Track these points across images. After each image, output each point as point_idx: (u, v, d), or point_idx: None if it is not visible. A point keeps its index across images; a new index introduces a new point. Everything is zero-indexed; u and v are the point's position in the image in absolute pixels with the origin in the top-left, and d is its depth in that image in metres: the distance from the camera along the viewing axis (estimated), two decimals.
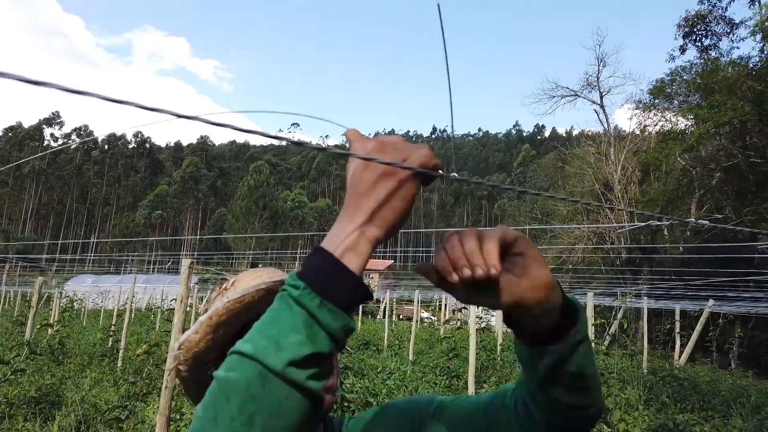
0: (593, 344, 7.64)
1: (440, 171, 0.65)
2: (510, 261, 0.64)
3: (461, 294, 0.66)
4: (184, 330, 4.49)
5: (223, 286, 0.97)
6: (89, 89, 0.53)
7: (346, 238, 0.62)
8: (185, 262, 4.69)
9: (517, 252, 0.64)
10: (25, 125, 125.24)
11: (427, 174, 0.64)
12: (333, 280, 0.60)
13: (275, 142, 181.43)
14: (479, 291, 0.64)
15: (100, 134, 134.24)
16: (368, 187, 0.63)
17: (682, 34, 25.27)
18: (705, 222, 1.22)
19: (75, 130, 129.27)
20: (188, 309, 4.83)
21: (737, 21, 24.14)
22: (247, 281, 0.94)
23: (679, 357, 12.70)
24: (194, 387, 0.94)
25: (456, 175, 0.68)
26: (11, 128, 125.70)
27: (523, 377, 0.79)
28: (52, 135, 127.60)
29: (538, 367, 0.72)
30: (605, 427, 6.17)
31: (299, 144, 0.66)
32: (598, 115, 31.09)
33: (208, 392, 0.59)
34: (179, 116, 0.57)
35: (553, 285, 0.66)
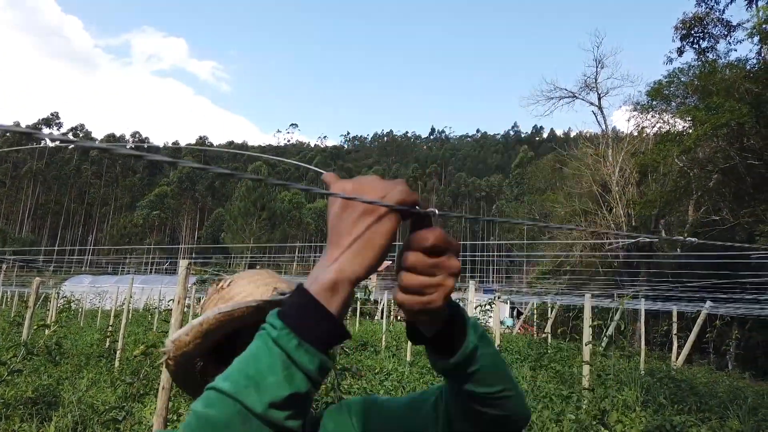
0: (591, 346, 7.67)
1: (417, 207, 0.66)
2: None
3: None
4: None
5: (220, 285, 1.02)
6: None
7: (326, 278, 0.63)
8: (183, 263, 4.69)
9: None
10: (24, 125, 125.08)
11: (406, 211, 0.65)
12: (311, 321, 0.61)
13: (273, 142, 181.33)
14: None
15: (97, 134, 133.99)
16: (348, 226, 0.64)
17: (679, 37, 25.29)
18: (693, 240, 1.23)
19: (71, 129, 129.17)
20: (186, 310, 4.83)
21: (735, 23, 24.21)
22: (243, 285, 0.98)
23: (677, 358, 12.72)
24: (181, 377, 1.00)
25: (434, 210, 0.69)
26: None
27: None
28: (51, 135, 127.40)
29: (446, 373, 0.81)
30: (602, 428, 6.17)
31: (284, 185, 0.67)
32: (596, 117, 31.19)
33: (184, 425, 0.60)
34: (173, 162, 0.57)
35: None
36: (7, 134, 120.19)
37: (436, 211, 0.67)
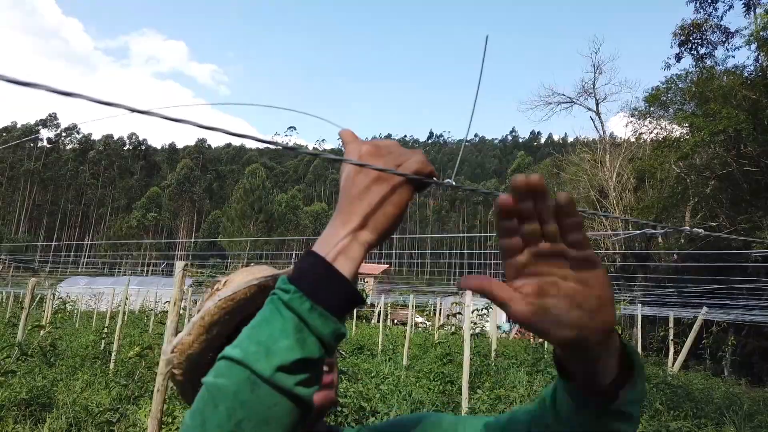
0: None
1: (435, 178, 0.64)
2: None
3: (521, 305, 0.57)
4: (177, 333, 4.46)
5: (215, 287, 0.96)
6: (83, 91, 0.52)
7: (338, 242, 0.61)
8: (179, 265, 4.67)
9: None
10: (20, 125, 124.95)
11: (421, 181, 0.63)
12: (324, 284, 0.59)
13: (271, 145, 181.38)
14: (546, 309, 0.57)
15: (86, 133, 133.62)
16: (361, 191, 0.62)
17: (678, 43, 25.41)
18: (700, 231, 1.21)
19: (65, 129, 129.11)
20: (181, 312, 4.81)
21: (732, 30, 24.34)
22: (239, 279, 0.93)
23: (673, 364, 12.71)
24: (190, 391, 0.91)
25: (451, 181, 0.67)
26: (6, 129, 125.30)
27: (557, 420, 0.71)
28: (48, 139, 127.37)
29: (593, 423, 0.65)
30: None
31: (292, 149, 0.65)
32: (593, 122, 31.27)
33: (196, 399, 0.58)
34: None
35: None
36: (3, 135, 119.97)
37: (453, 182, 0.65)
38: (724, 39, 24.45)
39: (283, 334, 0.56)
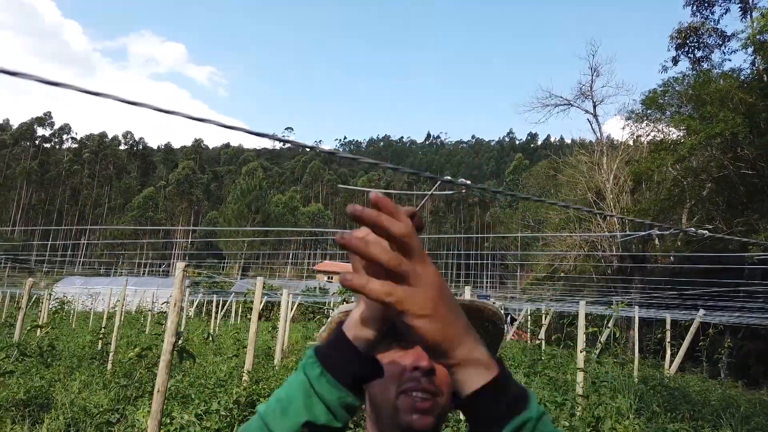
0: (585, 352, 7.68)
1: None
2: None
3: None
4: (177, 332, 4.48)
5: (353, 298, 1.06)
6: (82, 93, 0.53)
7: (355, 312, 0.63)
8: (179, 265, 4.68)
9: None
10: (18, 124, 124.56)
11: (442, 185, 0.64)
12: (335, 352, 0.61)
13: (268, 145, 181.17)
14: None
15: (83, 134, 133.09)
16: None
17: (674, 46, 25.55)
18: (705, 232, 1.23)
19: (60, 129, 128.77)
20: (180, 312, 4.81)
21: (729, 33, 24.47)
22: None
23: (670, 366, 12.75)
24: None
25: (466, 181, 0.68)
26: (0, 127, 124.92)
27: None
28: (43, 136, 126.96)
29: None
30: None
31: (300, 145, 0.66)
32: (591, 125, 31.31)
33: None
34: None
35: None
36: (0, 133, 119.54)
37: (468, 182, 0.67)
38: (720, 42, 24.60)
39: (296, 397, 0.60)
